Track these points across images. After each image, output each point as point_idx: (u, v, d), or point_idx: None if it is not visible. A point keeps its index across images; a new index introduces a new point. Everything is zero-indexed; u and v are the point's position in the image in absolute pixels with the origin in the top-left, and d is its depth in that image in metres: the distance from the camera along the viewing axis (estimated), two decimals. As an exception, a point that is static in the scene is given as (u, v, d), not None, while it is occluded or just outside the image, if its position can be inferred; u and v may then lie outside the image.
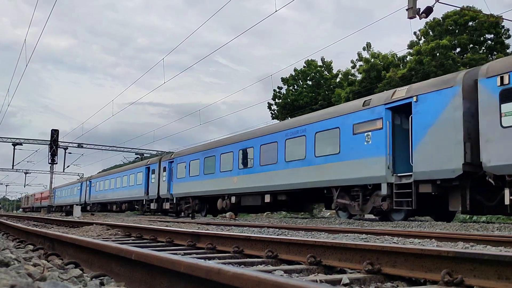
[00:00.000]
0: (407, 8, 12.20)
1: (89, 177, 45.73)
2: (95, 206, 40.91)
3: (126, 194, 33.34)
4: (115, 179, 36.31)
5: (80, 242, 3.65)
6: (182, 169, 24.67)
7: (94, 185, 41.36)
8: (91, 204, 41.84)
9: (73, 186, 49.94)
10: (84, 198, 43.62)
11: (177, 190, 25.43)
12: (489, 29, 30.99)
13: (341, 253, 3.37)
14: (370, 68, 33.47)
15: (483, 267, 2.51)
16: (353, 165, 13.74)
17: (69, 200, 50.25)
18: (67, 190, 53.60)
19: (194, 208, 23.54)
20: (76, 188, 47.98)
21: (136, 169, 32.06)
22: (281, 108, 41.62)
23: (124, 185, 34.01)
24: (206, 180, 22.00)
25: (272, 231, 8.52)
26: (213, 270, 1.86)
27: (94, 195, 41.12)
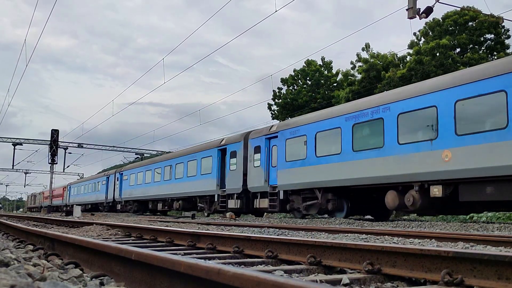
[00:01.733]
0: (407, 8, 12.20)
1: (118, 168, 38.76)
2: (129, 204, 33.59)
3: (182, 188, 24.31)
4: (163, 169, 27.25)
5: (80, 242, 3.65)
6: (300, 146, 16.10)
7: (126, 178, 33.86)
8: (123, 203, 34.75)
9: (95, 181, 42.51)
10: (112, 195, 36.48)
11: (286, 180, 16.56)
12: (489, 29, 30.99)
13: (341, 253, 3.37)
14: (370, 68, 33.47)
15: (483, 267, 2.51)
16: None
17: (90, 197, 43.47)
18: (87, 186, 45.42)
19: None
20: (100, 183, 40.58)
21: (201, 153, 22.77)
22: (281, 108, 41.62)
23: (178, 176, 25.09)
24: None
25: (272, 231, 8.52)
26: (213, 270, 1.86)
27: (127, 190, 33.32)
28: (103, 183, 38.98)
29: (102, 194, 38.99)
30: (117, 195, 35.14)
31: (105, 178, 38.81)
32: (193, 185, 22.92)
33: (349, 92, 33.80)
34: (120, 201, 34.82)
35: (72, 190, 51.14)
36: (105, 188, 37.99)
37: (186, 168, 24.05)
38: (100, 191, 39.96)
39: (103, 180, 39.20)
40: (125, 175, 33.99)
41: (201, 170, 22.38)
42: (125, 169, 34.61)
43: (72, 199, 50.05)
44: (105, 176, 38.86)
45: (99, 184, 40.68)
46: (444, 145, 10.99)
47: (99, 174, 44.14)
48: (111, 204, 36.92)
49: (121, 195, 34.17)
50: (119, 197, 34.68)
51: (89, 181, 45.12)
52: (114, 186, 35.91)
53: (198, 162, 22.72)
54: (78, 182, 51.27)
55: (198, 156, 22.79)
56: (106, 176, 38.37)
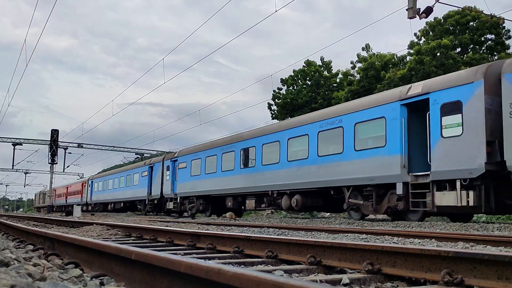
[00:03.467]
0: (407, 8, 12.20)
1: (168, 154, 28.28)
2: (189, 201, 23.77)
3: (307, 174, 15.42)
4: (259, 148, 18.13)
5: (80, 242, 3.65)
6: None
7: (183, 165, 24.40)
8: (178, 199, 24.65)
9: (131, 173, 32.64)
10: (159, 189, 27.04)
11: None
12: (490, 29, 31.01)
13: (341, 253, 3.37)
14: (368, 67, 33.47)
15: (483, 267, 2.51)
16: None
17: (123, 193, 33.51)
18: (118, 179, 35.09)
19: None
20: (139, 174, 30.84)
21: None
22: (281, 108, 41.63)
23: (291, 157, 16.33)
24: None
25: (272, 231, 8.52)
26: (213, 270, 1.86)
27: (184, 183, 24.05)
28: (144, 175, 29.83)
29: (143, 188, 29.65)
30: (168, 189, 25.82)
31: (146, 168, 29.55)
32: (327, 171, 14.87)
33: (348, 92, 33.80)
34: (173, 198, 25.24)
35: (96, 185, 41.90)
36: (147, 180, 28.88)
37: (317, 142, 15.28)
38: (138, 185, 30.57)
39: (144, 171, 29.97)
40: (182, 161, 24.58)
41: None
42: (182, 153, 25.07)
43: (95, 197, 41.73)
44: (147, 165, 29.43)
45: (137, 176, 31.12)
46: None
47: (136, 164, 35.04)
48: (156, 201, 27.94)
49: (175, 189, 24.92)
50: (171, 192, 25.32)
51: (120, 174, 35.49)
52: (162, 177, 26.65)
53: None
54: (104, 176, 41.44)
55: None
56: (149, 165, 29.07)
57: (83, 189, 46.43)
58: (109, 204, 37.57)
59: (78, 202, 45.82)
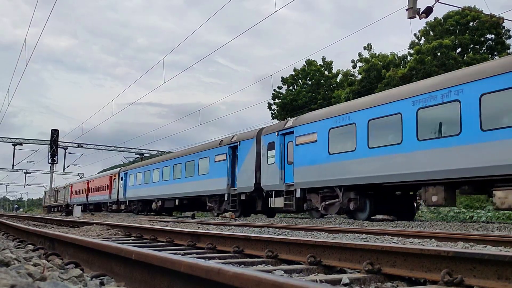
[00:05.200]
0: (407, 8, 12.20)
1: (272, 126, 19.03)
2: (323, 196, 15.26)
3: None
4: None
5: (80, 242, 3.66)
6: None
7: (309, 139, 15.77)
8: (297, 192, 16.13)
9: (195, 157, 23.36)
10: (251, 180, 18.67)
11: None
12: (490, 29, 31.02)
13: (341, 253, 3.37)
14: (370, 68, 33.48)
15: (483, 267, 2.51)
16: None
17: (183, 187, 24.15)
18: (172, 167, 25.85)
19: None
20: (209, 159, 21.93)
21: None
22: (280, 109, 41.62)
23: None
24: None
25: (272, 231, 8.52)
26: (213, 270, 1.86)
27: (313, 167, 15.40)
28: (219, 159, 21.02)
29: (217, 179, 20.93)
30: (271, 177, 17.37)
31: (224, 149, 20.66)
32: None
33: (349, 92, 33.80)
34: (286, 190, 16.59)
35: (131, 178, 32.13)
36: (227, 167, 20.25)
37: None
38: (208, 173, 21.73)
39: (219, 154, 21.10)
40: (306, 133, 15.86)
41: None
42: (308, 120, 16.13)
43: (131, 192, 31.93)
44: (226, 145, 20.59)
45: (205, 162, 22.20)
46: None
47: (202, 145, 24.19)
48: (246, 196, 19.34)
49: (290, 178, 16.36)
50: (280, 182, 16.89)
51: (174, 160, 26.00)
52: (258, 161, 18.31)
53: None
54: (145, 165, 31.34)
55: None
56: (229, 145, 20.37)
57: (111, 183, 36.10)
58: (154, 201, 28.22)
59: (104, 200, 37.51)
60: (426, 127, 11.84)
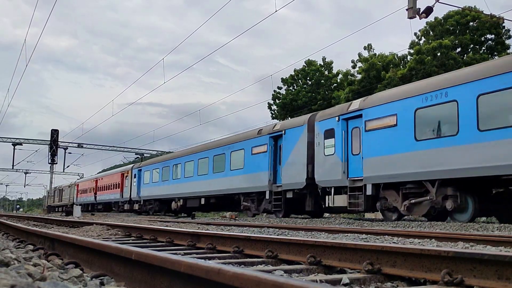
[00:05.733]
0: (407, 8, 12.20)
1: (328, 110, 16.05)
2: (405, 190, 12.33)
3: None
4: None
5: (80, 242, 3.66)
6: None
7: (387, 123, 12.76)
8: (368, 189, 13.06)
9: (226, 150, 20.68)
10: (301, 174, 15.91)
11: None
12: (490, 30, 31.04)
13: (341, 253, 3.37)
14: (370, 68, 33.49)
15: (483, 267, 2.51)
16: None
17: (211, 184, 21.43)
18: (197, 162, 23.17)
19: None
20: (244, 152, 19.30)
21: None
22: (280, 109, 41.64)
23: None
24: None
25: (272, 231, 8.52)
26: (213, 270, 1.86)
27: (394, 157, 12.39)
28: (257, 151, 18.30)
29: (255, 174, 18.24)
30: (329, 171, 14.71)
31: (264, 139, 17.92)
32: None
33: (349, 92, 33.81)
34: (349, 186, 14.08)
35: (147, 175, 29.33)
36: (268, 160, 17.56)
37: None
38: (244, 168, 18.97)
39: (257, 145, 18.35)
40: (380, 116, 13.12)
41: None
42: (381, 100, 13.34)
43: (146, 191, 29.06)
44: (268, 135, 17.78)
45: (238, 154, 19.51)
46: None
47: (234, 137, 21.38)
48: (294, 194, 16.46)
49: (361, 171, 13.53)
50: (343, 176, 14.16)
51: (199, 154, 23.15)
52: (308, 154, 15.69)
53: None
54: (163, 160, 28.18)
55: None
56: (271, 135, 17.64)
57: (123, 181, 33.20)
58: (174, 200, 25.39)
59: (115, 199, 34.42)
60: None
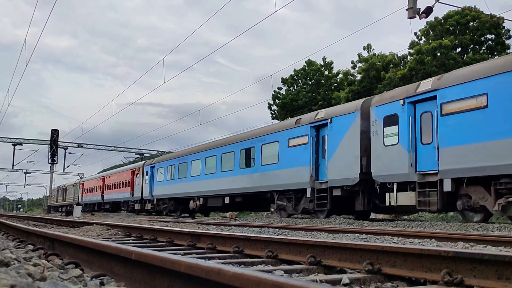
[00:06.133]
0: (407, 8, 12.20)
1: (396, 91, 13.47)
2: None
3: None
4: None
5: (80, 242, 3.66)
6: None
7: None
8: (455, 186, 10.92)
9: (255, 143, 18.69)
10: (354, 168, 13.77)
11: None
12: (490, 30, 31.04)
13: (341, 253, 3.37)
14: (369, 68, 33.49)
15: (483, 267, 2.51)
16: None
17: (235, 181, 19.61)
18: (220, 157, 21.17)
19: None
20: (278, 145, 17.29)
21: None
22: (280, 109, 41.64)
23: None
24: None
25: (272, 231, 8.52)
26: (213, 270, 1.86)
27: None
28: (294, 144, 16.35)
29: (295, 170, 16.06)
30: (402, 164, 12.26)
31: (304, 130, 15.98)
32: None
33: (349, 92, 33.81)
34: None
35: (159, 172, 27.30)
36: (309, 153, 15.57)
37: None
38: (278, 163, 17.01)
39: (294, 136, 16.40)
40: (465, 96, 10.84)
41: None
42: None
43: (159, 189, 26.97)
44: (309, 124, 15.82)
45: (272, 148, 17.47)
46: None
47: (266, 128, 19.37)
48: (344, 191, 14.34)
49: (436, 163, 11.41)
50: (429, 169, 11.71)
51: (222, 148, 21.07)
52: (361, 144, 13.89)
53: None
54: (177, 156, 26.05)
55: None
56: (312, 124, 15.68)
57: (134, 179, 31.02)
58: (192, 199, 23.34)
59: (125, 199, 32.09)
60: None
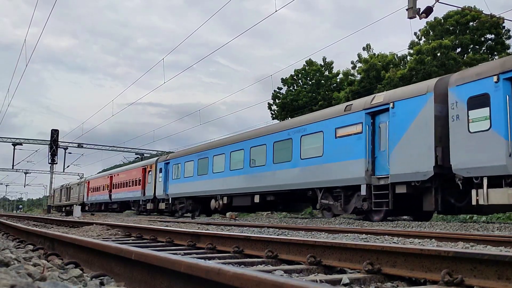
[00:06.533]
0: (407, 8, 12.20)
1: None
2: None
3: None
4: None
5: (80, 242, 3.65)
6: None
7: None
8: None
9: (296, 133, 16.18)
10: (429, 161, 11.54)
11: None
12: (490, 29, 31.04)
13: (341, 253, 3.37)
14: (369, 68, 33.50)
15: (483, 267, 2.50)
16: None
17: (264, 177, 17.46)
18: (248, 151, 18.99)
19: None
20: (323, 135, 14.87)
21: None
22: (280, 109, 41.63)
23: None
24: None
25: (272, 231, 8.52)
26: (213, 270, 1.86)
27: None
28: (346, 133, 14.15)
29: (346, 164, 14.00)
30: (498, 153, 10.19)
31: (359, 116, 13.71)
32: None
33: (348, 92, 33.81)
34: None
35: (175, 169, 25.09)
36: (365, 144, 13.38)
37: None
38: (323, 156, 14.88)
39: (347, 125, 14.16)
40: None
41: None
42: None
43: (175, 188, 24.85)
44: (363, 110, 13.57)
45: (316, 138, 15.34)
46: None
47: (306, 117, 17.03)
48: (411, 187, 12.09)
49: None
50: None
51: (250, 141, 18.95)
52: (436, 132, 11.76)
53: None
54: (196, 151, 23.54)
55: None
56: (366, 110, 13.49)
57: (145, 177, 28.93)
58: (214, 198, 21.27)
59: (135, 198, 30.13)
60: None
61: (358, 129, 13.69)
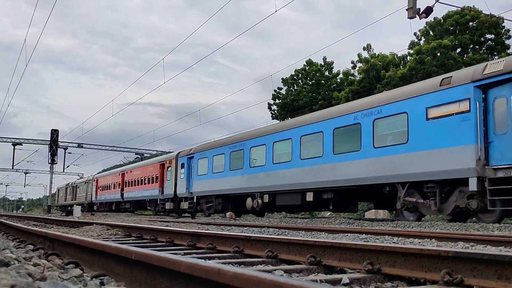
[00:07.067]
0: (407, 8, 12.21)
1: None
2: None
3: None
4: None
5: (80, 242, 3.66)
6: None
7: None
8: None
9: (367, 115, 13.23)
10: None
11: None
12: (490, 29, 31.05)
13: (341, 253, 3.37)
14: (370, 68, 33.50)
15: (483, 267, 2.51)
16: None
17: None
18: (298, 140, 15.82)
19: None
20: (419, 114, 11.70)
21: None
22: (280, 109, 41.62)
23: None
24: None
25: (272, 231, 8.52)
26: (213, 270, 1.86)
27: None
28: (442, 113, 11.20)
29: (445, 152, 10.97)
30: None
31: (462, 91, 10.70)
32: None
33: (348, 92, 33.81)
34: None
35: (201, 164, 22.25)
36: (475, 127, 10.43)
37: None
38: (408, 143, 11.99)
39: (443, 104, 11.16)
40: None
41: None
42: None
43: (200, 185, 22.13)
44: (471, 82, 10.50)
45: (395, 121, 12.54)
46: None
47: (383, 95, 13.95)
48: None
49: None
50: None
51: (298, 129, 16.25)
52: None
53: None
54: (227, 143, 20.71)
55: None
56: (475, 83, 10.46)
57: (164, 173, 26.09)
58: (250, 196, 18.74)
59: (152, 197, 27.38)
60: None
61: (464, 107, 10.73)
